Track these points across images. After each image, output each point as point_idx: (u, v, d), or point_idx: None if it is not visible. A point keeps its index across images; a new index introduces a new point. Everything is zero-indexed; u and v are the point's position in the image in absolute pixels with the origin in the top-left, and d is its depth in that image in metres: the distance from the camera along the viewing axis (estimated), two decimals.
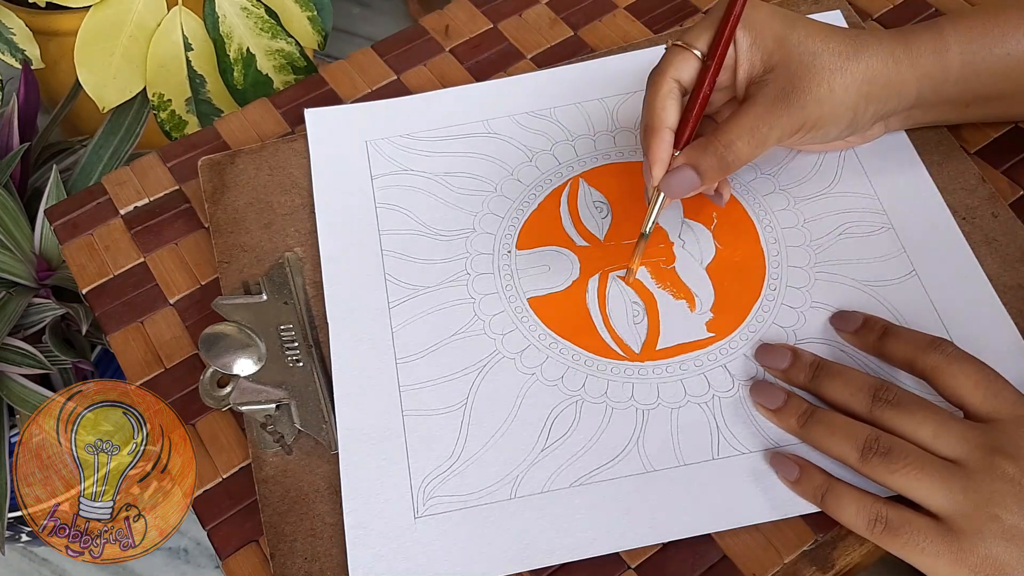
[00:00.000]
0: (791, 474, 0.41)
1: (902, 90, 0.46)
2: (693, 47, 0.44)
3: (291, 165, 0.53)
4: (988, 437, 0.38)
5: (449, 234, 0.50)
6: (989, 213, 0.48)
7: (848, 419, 0.41)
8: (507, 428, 0.44)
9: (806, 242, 0.48)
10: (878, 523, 0.38)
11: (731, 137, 0.44)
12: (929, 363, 0.41)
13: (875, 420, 0.40)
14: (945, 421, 0.39)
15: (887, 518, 0.38)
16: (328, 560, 0.42)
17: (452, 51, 0.59)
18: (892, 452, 0.38)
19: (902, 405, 0.40)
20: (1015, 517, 0.36)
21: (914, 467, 0.38)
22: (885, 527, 0.38)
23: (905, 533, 0.37)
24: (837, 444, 0.40)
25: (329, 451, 0.44)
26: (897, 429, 0.39)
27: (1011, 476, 0.37)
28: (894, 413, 0.40)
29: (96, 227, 0.53)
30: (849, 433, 0.40)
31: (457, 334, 0.47)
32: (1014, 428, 0.38)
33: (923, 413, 0.39)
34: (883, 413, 0.40)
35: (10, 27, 0.84)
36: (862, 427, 0.40)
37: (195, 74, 0.75)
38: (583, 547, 0.41)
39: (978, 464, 0.37)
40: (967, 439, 0.38)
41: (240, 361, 0.46)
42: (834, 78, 0.44)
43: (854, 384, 0.41)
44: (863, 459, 0.39)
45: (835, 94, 0.44)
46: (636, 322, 0.47)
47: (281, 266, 0.50)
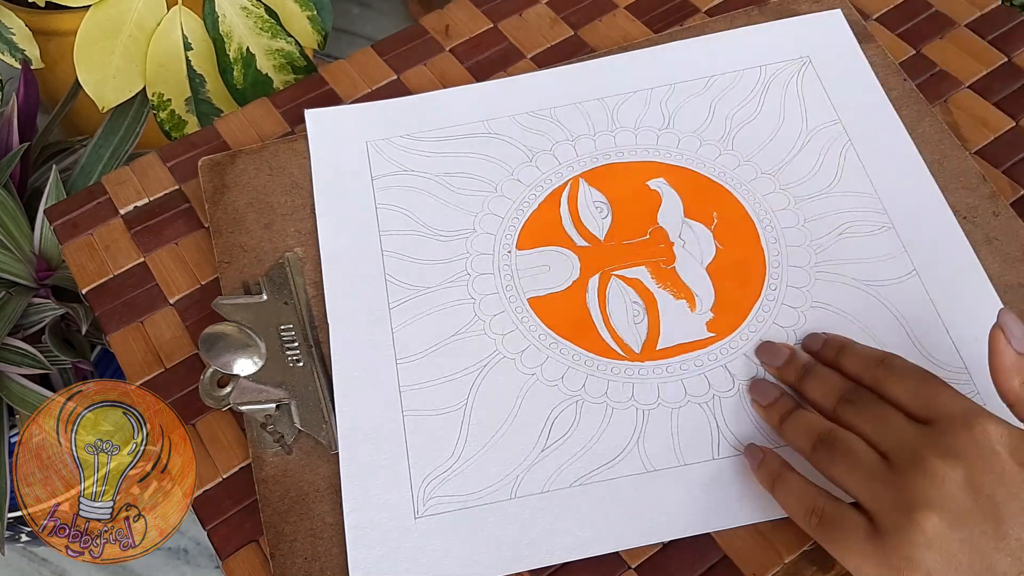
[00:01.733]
0: (755, 459, 0.41)
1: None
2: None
3: (291, 165, 0.53)
4: (920, 435, 0.37)
5: (449, 234, 0.50)
6: (990, 212, 0.48)
7: (815, 415, 0.41)
8: (507, 428, 0.44)
9: (806, 242, 0.48)
10: (814, 515, 0.38)
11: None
12: (874, 376, 0.41)
13: (836, 418, 0.40)
14: (887, 417, 0.38)
15: (823, 511, 0.38)
16: (328, 560, 0.42)
17: (452, 51, 0.59)
18: (835, 444, 0.38)
19: (859, 404, 0.40)
20: (941, 518, 0.34)
21: (851, 459, 0.38)
22: (820, 520, 0.37)
23: (836, 528, 0.37)
24: (799, 437, 0.41)
25: (329, 451, 0.44)
26: (850, 426, 0.39)
27: (936, 473, 0.35)
28: (850, 410, 0.40)
29: (96, 227, 0.53)
30: (810, 427, 0.40)
31: (457, 334, 0.47)
32: (948, 426, 0.37)
33: (873, 410, 0.39)
34: (844, 411, 0.40)
35: (10, 27, 0.84)
36: (822, 422, 0.40)
37: (195, 74, 0.75)
38: (583, 547, 0.41)
39: (904, 461, 0.36)
40: (901, 436, 0.37)
41: (240, 361, 0.46)
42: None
43: (827, 385, 0.42)
44: (813, 450, 0.39)
45: None
46: (636, 322, 0.47)
47: (281, 266, 0.49)
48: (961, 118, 0.52)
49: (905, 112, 0.52)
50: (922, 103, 0.52)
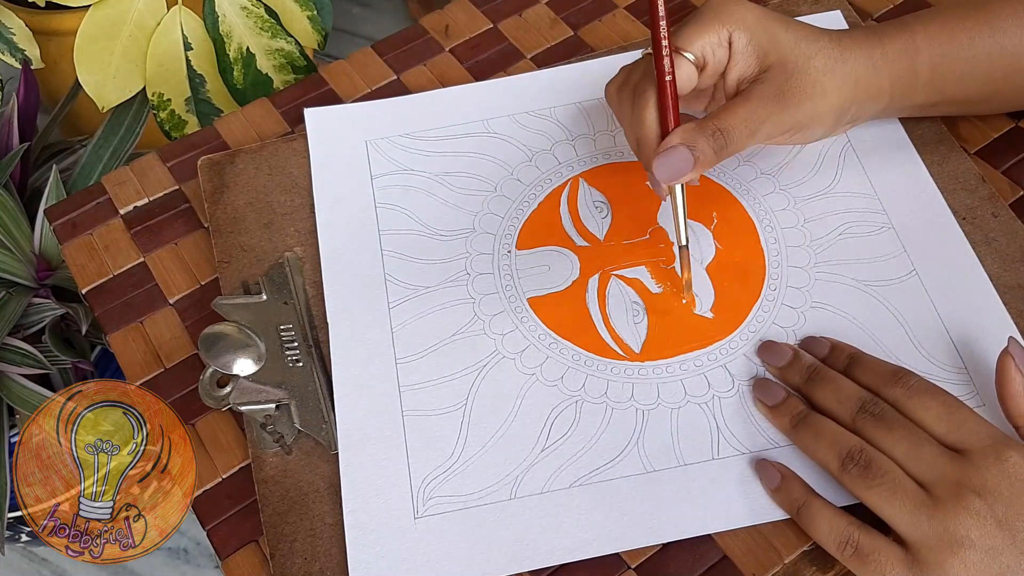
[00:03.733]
0: (772, 482, 0.41)
1: (878, 94, 0.46)
2: (684, 50, 0.44)
3: (291, 165, 0.53)
4: (958, 469, 0.37)
5: (449, 234, 0.50)
6: (989, 213, 0.48)
7: (837, 427, 0.41)
8: (507, 428, 0.44)
9: (806, 242, 0.48)
10: (848, 546, 0.38)
11: (726, 123, 0.43)
12: (891, 396, 0.41)
13: (857, 430, 0.40)
14: (920, 443, 0.39)
15: (858, 542, 0.38)
16: (328, 560, 0.42)
17: (452, 51, 0.59)
18: (871, 466, 0.38)
19: (884, 420, 0.40)
20: (979, 554, 0.36)
21: (888, 486, 0.38)
22: (855, 551, 0.38)
23: (873, 560, 0.37)
24: (821, 449, 0.40)
25: (329, 451, 0.44)
26: (875, 443, 0.39)
27: (978, 511, 0.36)
28: (875, 426, 0.40)
29: (96, 227, 0.53)
30: (834, 440, 0.40)
31: (457, 334, 0.47)
32: (982, 461, 0.37)
33: (901, 431, 0.39)
34: (864, 424, 0.40)
35: (10, 27, 0.84)
36: (849, 436, 0.40)
37: (195, 74, 0.75)
38: (583, 547, 0.41)
39: (946, 495, 0.37)
40: (937, 466, 0.38)
41: (240, 361, 0.46)
42: (827, 80, 0.44)
43: (843, 392, 0.41)
44: (843, 468, 0.39)
45: (828, 97, 0.44)
46: (636, 322, 0.47)
47: (281, 266, 0.50)
48: (961, 119, 0.52)
49: None
50: None
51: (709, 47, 0.44)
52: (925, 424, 0.39)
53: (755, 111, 0.43)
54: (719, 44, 0.44)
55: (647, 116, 0.44)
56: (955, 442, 0.38)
